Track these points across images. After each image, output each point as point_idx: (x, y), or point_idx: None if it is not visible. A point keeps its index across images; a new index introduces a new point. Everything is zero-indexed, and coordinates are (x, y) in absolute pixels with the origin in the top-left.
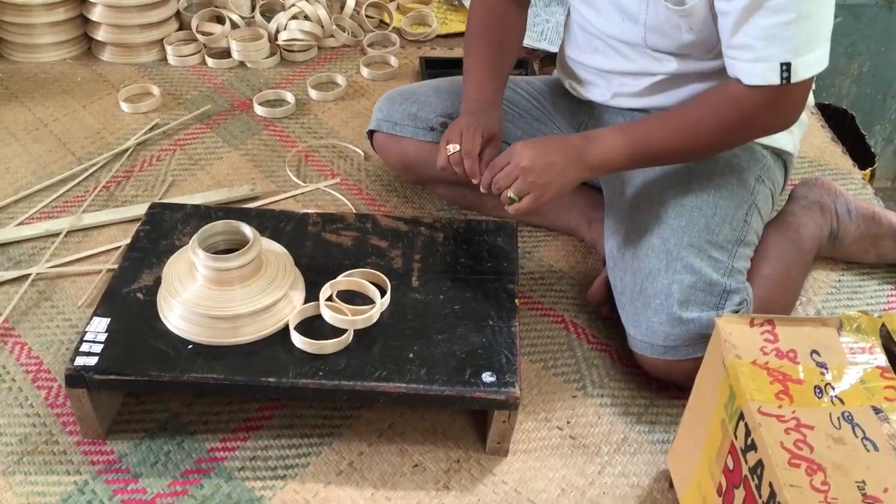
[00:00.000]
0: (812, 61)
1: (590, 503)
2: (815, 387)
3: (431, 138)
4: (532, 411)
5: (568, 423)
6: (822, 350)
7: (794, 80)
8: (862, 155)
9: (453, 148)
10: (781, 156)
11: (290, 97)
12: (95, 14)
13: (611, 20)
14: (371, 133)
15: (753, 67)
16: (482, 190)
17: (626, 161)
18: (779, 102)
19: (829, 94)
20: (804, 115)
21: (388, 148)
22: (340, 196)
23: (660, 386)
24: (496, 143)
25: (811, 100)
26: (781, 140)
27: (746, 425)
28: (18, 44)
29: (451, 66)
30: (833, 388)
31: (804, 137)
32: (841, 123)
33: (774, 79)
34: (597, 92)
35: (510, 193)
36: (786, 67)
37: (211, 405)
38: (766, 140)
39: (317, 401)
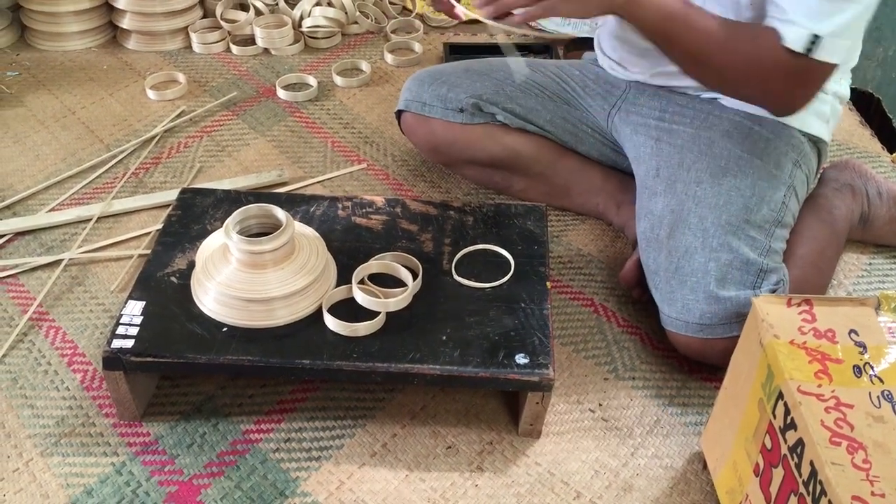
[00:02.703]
0: (839, 47)
1: (623, 484)
2: (853, 366)
3: (461, 119)
4: (563, 394)
5: (600, 405)
6: (860, 330)
7: (814, 54)
8: (888, 138)
9: None
10: (817, 143)
11: (312, 81)
12: (120, 2)
13: None
14: (399, 114)
15: (786, 27)
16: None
17: (653, 18)
18: (797, 73)
19: (854, 78)
20: (838, 104)
21: (417, 129)
22: (368, 181)
23: (692, 368)
24: None
25: (846, 92)
26: (817, 127)
27: (786, 404)
28: (44, 32)
29: (474, 52)
30: (872, 368)
31: None
32: (867, 107)
33: (799, 45)
34: (637, 70)
35: None
36: (813, 39)
37: (244, 388)
38: (801, 125)
39: (349, 383)
